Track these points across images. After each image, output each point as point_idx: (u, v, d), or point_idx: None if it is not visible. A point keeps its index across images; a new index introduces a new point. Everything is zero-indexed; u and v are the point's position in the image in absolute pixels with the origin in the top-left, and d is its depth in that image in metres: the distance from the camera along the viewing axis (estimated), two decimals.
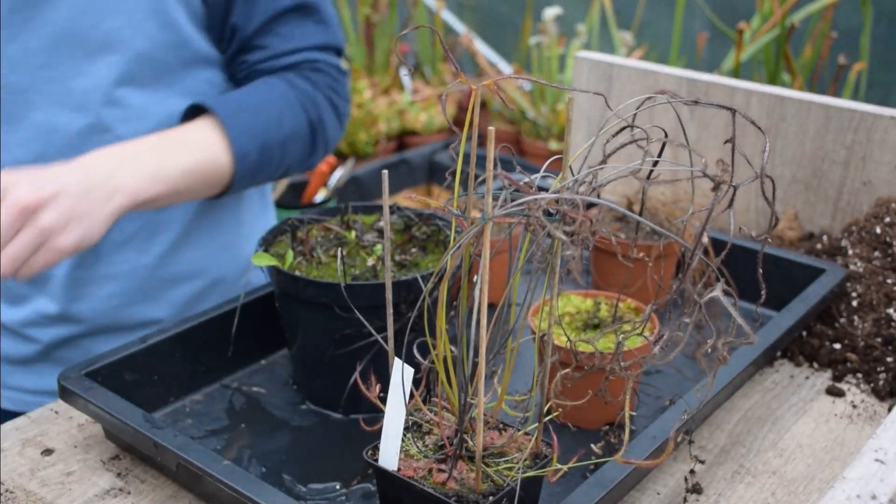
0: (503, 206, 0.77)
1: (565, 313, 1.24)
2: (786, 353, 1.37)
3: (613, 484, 0.95)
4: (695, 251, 0.74)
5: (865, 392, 1.29)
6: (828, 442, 1.19)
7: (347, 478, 1.11)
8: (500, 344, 0.91)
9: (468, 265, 0.89)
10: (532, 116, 3.17)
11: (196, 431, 1.19)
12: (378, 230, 1.28)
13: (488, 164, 0.75)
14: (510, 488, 0.87)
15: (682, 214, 1.47)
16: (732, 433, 1.20)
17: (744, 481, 1.11)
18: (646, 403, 1.26)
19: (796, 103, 1.55)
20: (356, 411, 1.22)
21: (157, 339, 1.22)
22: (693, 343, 1.38)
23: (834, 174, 1.55)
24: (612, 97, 1.73)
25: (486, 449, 0.91)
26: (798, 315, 1.29)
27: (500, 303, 0.88)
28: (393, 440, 0.89)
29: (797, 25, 2.35)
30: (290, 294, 1.19)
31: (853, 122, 1.50)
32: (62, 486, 1.09)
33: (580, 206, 0.77)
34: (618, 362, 0.88)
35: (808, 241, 1.55)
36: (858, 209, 1.53)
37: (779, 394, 1.28)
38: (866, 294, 1.38)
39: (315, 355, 1.21)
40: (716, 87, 1.62)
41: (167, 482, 1.10)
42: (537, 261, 0.84)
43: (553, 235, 0.77)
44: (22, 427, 1.20)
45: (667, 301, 0.79)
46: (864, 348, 1.33)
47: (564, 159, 0.83)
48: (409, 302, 1.15)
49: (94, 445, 1.17)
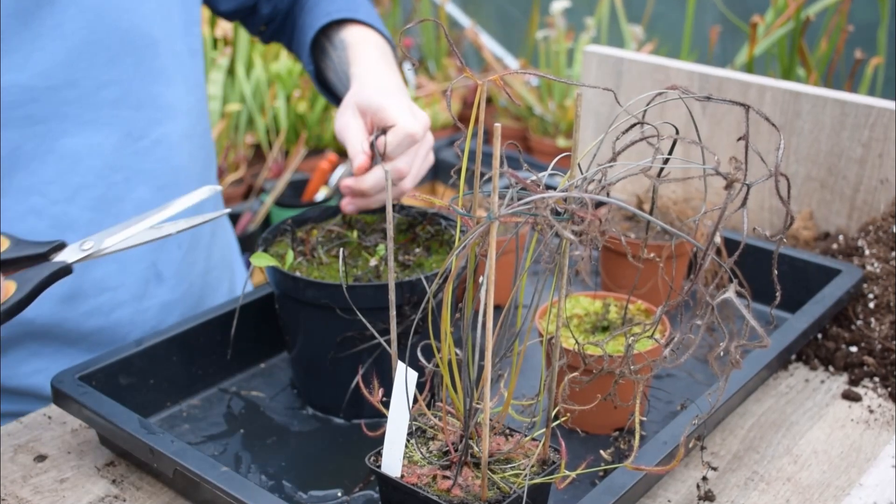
0: (510, 205, 0.77)
1: (574, 315, 1.24)
2: (801, 357, 1.37)
3: (623, 491, 0.95)
4: (707, 251, 0.74)
5: (883, 396, 1.28)
6: (844, 448, 1.18)
7: (349, 485, 1.11)
8: (506, 347, 0.91)
9: (474, 266, 0.89)
10: (539, 112, 3.17)
11: (193, 437, 1.19)
12: (381, 230, 1.28)
13: (494, 162, 0.75)
14: (517, 496, 0.87)
15: (694, 213, 1.47)
16: (746, 439, 1.20)
17: (757, 488, 1.11)
18: (656, 408, 1.26)
19: (812, 99, 1.55)
20: (358, 416, 1.22)
21: (153, 342, 1.22)
22: (705, 346, 1.38)
23: (850, 172, 1.54)
24: (621, 93, 1.73)
25: (492, 455, 0.91)
26: (813, 317, 1.29)
27: (507, 304, 0.88)
28: (396, 446, 0.89)
29: (812, 19, 2.35)
30: (290, 295, 1.19)
31: (870, 118, 1.50)
32: (55, 494, 1.09)
33: (589, 204, 0.77)
34: (628, 366, 0.88)
35: (824, 241, 1.55)
36: (875, 208, 1.53)
37: (793, 398, 1.28)
38: (884, 295, 1.38)
39: (316, 358, 1.21)
40: (729, 83, 1.62)
41: (163, 489, 1.10)
42: (545, 261, 0.84)
43: (561, 235, 0.77)
44: (14, 433, 1.20)
45: (678, 303, 0.79)
46: (882, 351, 1.33)
47: (573, 157, 0.83)
48: (413, 303, 1.15)
49: (88, 451, 1.17)
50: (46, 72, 1.25)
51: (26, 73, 1.23)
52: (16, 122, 1.25)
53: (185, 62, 1.43)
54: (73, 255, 1.08)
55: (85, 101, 1.29)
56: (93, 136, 1.31)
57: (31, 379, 1.37)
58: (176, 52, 1.40)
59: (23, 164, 1.27)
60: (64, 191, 1.30)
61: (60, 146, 1.29)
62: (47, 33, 1.24)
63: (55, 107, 1.27)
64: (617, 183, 0.79)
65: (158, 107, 1.38)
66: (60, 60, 1.26)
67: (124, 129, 1.34)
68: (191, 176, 1.46)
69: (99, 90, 1.30)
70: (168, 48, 1.38)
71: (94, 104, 1.31)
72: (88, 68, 1.29)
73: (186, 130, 1.44)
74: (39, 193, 1.29)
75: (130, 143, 1.35)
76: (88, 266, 1.32)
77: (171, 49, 1.39)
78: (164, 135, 1.39)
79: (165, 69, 1.39)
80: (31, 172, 1.28)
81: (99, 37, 1.28)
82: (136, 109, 1.35)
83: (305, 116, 3.12)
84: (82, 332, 1.38)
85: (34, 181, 1.28)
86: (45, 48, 1.24)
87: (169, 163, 1.41)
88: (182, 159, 1.43)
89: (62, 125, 1.28)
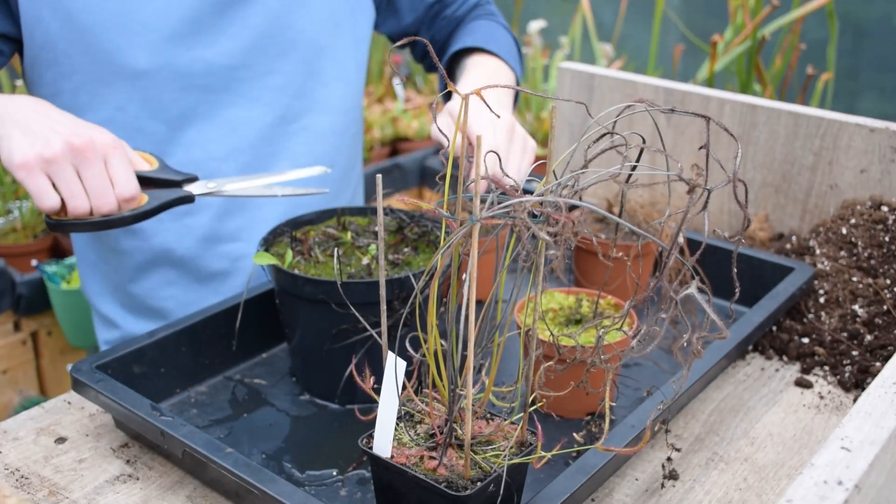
0: (490, 209, 0.77)
1: (549, 309, 1.24)
2: (757, 347, 1.37)
3: (594, 470, 0.95)
4: (671, 251, 0.74)
5: (832, 384, 1.29)
6: (797, 431, 1.19)
7: (343, 465, 1.11)
8: (487, 338, 0.91)
9: (457, 264, 0.89)
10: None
11: (201, 421, 1.19)
12: (372, 232, 1.28)
13: (476, 169, 0.75)
14: (497, 474, 0.87)
15: (660, 216, 1.47)
16: (707, 423, 1.20)
17: (717, 468, 1.11)
18: (625, 394, 1.26)
19: (767, 111, 1.55)
20: (352, 402, 1.22)
21: (164, 334, 1.21)
22: (669, 337, 1.38)
23: (802, 178, 1.55)
24: (593, 105, 1.73)
25: (475, 437, 0.91)
26: (769, 311, 1.29)
27: (488, 299, 0.88)
28: (386, 429, 0.89)
29: (768, 38, 2.36)
30: (289, 291, 1.19)
31: (820, 129, 1.51)
32: (74, 473, 1.09)
33: (563, 208, 0.77)
34: (598, 355, 0.88)
35: (779, 242, 1.56)
36: (825, 211, 1.54)
37: (750, 385, 1.29)
38: (833, 291, 1.38)
39: (313, 349, 1.21)
40: (691, 96, 1.62)
41: (173, 469, 1.10)
42: (522, 260, 0.84)
43: (537, 236, 0.77)
44: (36, 417, 1.19)
45: (645, 298, 0.79)
46: (831, 342, 1.33)
47: (548, 164, 0.83)
48: (402, 299, 1.15)
49: (104, 434, 1.16)
50: (228, 52, 1.40)
51: (212, 51, 1.39)
52: (195, 88, 1.40)
53: (349, 71, 1.54)
54: (198, 190, 1.22)
55: (254, 82, 1.43)
56: (253, 112, 1.45)
57: (166, 302, 1.54)
58: (339, 60, 1.51)
59: (194, 123, 1.42)
60: (221, 150, 1.44)
61: (226, 114, 1.43)
62: (236, 23, 1.40)
63: (228, 82, 1.42)
64: (588, 188, 0.79)
65: (314, 100, 1.49)
66: (241, 46, 1.41)
67: (280, 111, 1.47)
68: (336, 167, 1.56)
69: (266, 76, 1.44)
70: (332, 55, 1.50)
71: (261, 86, 1.44)
72: (261, 56, 1.42)
73: (336, 127, 1.54)
74: (201, 148, 1.43)
75: (284, 124, 1.48)
76: (228, 215, 1.49)
77: (334, 56, 1.50)
78: (312, 124, 1.50)
79: (325, 71, 1.50)
80: (198, 130, 1.43)
81: (273, 33, 1.42)
82: (293, 98, 1.47)
83: None
84: (211, 271, 1.51)
85: (199, 138, 1.43)
86: (231, 35, 1.40)
87: (312, 148, 1.51)
88: (324, 148, 1.53)
89: (231, 97, 1.43)
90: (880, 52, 2.87)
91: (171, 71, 1.37)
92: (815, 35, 2.75)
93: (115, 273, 1.53)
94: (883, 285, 1.35)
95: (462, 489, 0.85)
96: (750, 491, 1.07)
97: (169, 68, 1.37)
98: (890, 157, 1.45)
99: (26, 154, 1.09)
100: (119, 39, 1.34)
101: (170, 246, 1.48)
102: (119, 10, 1.33)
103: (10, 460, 1.11)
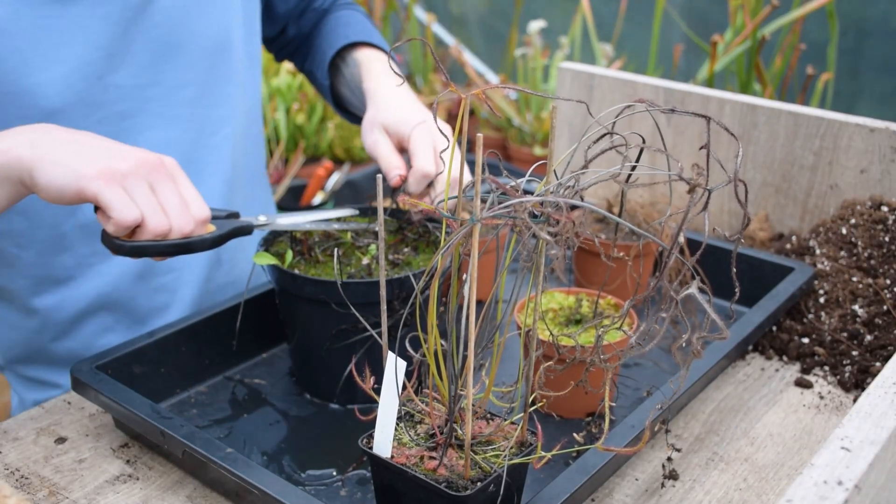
0: (491, 209, 0.77)
1: (549, 309, 1.24)
2: (757, 347, 1.37)
3: (594, 470, 0.95)
4: (671, 251, 0.74)
5: (832, 384, 1.29)
6: (796, 431, 1.19)
7: (343, 465, 1.11)
8: (487, 338, 0.91)
9: (458, 264, 0.89)
10: (518, 124, 3.16)
11: (201, 421, 1.19)
12: (372, 232, 1.28)
13: (477, 169, 0.75)
14: (497, 475, 0.87)
15: (660, 216, 1.47)
16: (707, 423, 1.20)
17: (717, 468, 1.11)
18: (624, 394, 1.26)
19: (767, 111, 1.55)
20: (352, 402, 1.22)
21: (164, 334, 1.21)
22: (669, 337, 1.38)
23: (802, 178, 1.55)
24: (593, 105, 1.73)
25: (475, 437, 0.91)
26: (769, 311, 1.29)
27: (488, 300, 0.88)
28: (386, 429, 0.89)
29: (768, 38, 2.36)
30: (289, 291, 1.19)
31: (820, 129, 1.50)
32: (74, 473, 1.09)
33: (563, 208, 0.77)
34: (598, 355, 0.88)
35: (779, 242, 1.56)
36: (825, 211, 1.53)
37: (750, 385, 1.29)
38: (833, 291, 1.38)
39: (313, 349, 1.21)
40: (691, 96, 1.62)
41: (173, 469, 1.10)
42: (523, 260, 0.84)
43: (538, 236, 0.77)
44: (36, 417, 1.19)
45: (645, 298, 0.79)
46: (831, 342, 1.33)
47: (549, 164, 0.83)
48: (402, 299, 1.15)
49: (104, 434, 1.16)
50: (135, 72, 1.30)
51: (121, 74, 1.28)
52: (112, 117, 1.29)
53: (247, 67, 1.46)
54: (255, 222, 1.18)
55: (167, 98, 1.34)
56: (172, 131, 1.35)
57: None
58: (238, 57, 1.43)
59: None
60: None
61: (144, 140, 1.32)
62: (138, 38, 1.28)
63: (141, 104, 1.31)
64: (589, 188, 0.79)
65: (229, 106, 1.42)
66: (147, 61, 1.30)
67: (198, 124, 1.38)
68: (246, 172, 1.50)
69: (178, 89, 1.35)
70: (230, 51, 1.41)
71: (175, 101, 1.35)
72: (168, 69, 1.33)
73: (244, 129, 1.47)
74: None
75: (203, 138, 1.39)
76: None
77: (233, 53, 1.42)
78: (230, 133, 1.42)
79: (236, 72, 1.42)
80: None
81: (177, 41, 1.33)
82: (209, 108, 1.39)
83: (303, 127, 3.11)
84: (151, 307, 1.42)
85: None
86: (136, 52, 1.29)
87: (231, 158, 1.44)
88: (238, 156, 1.46)
89: (147, 119, 1.32)
90: (881, 53, 2.87)
91: (86, 104, 1.26)
92: (815, 35, 2.75)
93: (37, 336, 1.40)
94: (883, 285, 1.35)
95: (462, 489, 0.85)
96: (750, 491, 1.07)
97: (83, 102, 1.26)
98: (890, 157, 1.45)
99: (98, 165, 1.00)
100: (26, 80, 1.21)
101: (104, 290, 1.37)
102: (21, 48, 1.20)
103: (10, 460, 1.11)
